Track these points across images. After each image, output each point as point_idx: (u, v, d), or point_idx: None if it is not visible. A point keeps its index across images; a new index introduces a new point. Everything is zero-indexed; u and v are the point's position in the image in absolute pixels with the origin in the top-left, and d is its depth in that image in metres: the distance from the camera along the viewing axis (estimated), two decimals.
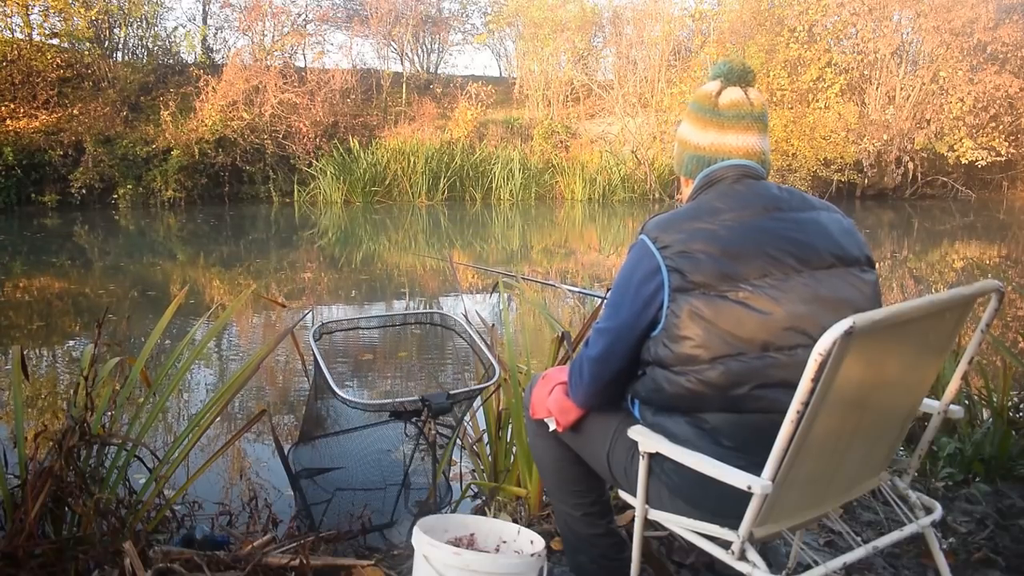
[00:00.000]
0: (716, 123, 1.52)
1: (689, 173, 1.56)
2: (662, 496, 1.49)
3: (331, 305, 6.91)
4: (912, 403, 1.49)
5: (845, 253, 1.43)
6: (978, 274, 8.55)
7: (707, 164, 1.52)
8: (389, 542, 2.33)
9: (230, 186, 15.03)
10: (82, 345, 5.21)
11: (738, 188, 1.47)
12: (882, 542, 1.47)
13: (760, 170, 1.51)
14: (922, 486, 2.52)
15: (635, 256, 1.45)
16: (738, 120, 1.50)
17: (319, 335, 2.41)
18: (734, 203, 1.43)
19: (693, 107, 1.57)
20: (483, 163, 16.29)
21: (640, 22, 19.00)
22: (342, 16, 19.36)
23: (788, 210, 1.44)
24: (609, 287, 1.61)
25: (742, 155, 1.50)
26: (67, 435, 1.86)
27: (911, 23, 17.43)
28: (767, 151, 1.53)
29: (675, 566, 2.03)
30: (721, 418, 1.38)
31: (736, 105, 1.51)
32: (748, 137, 1.50)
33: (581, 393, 1.58)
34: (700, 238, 1.38)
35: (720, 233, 1.39)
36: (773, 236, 1.39)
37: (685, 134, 1.58)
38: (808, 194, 1.53)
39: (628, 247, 1.51)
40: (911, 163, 17.48)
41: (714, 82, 1.55)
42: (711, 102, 1.53)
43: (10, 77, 14.51)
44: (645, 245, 1.43)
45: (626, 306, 1.44)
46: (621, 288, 1.46)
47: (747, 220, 1.41)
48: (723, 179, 1.49)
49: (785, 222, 1.42)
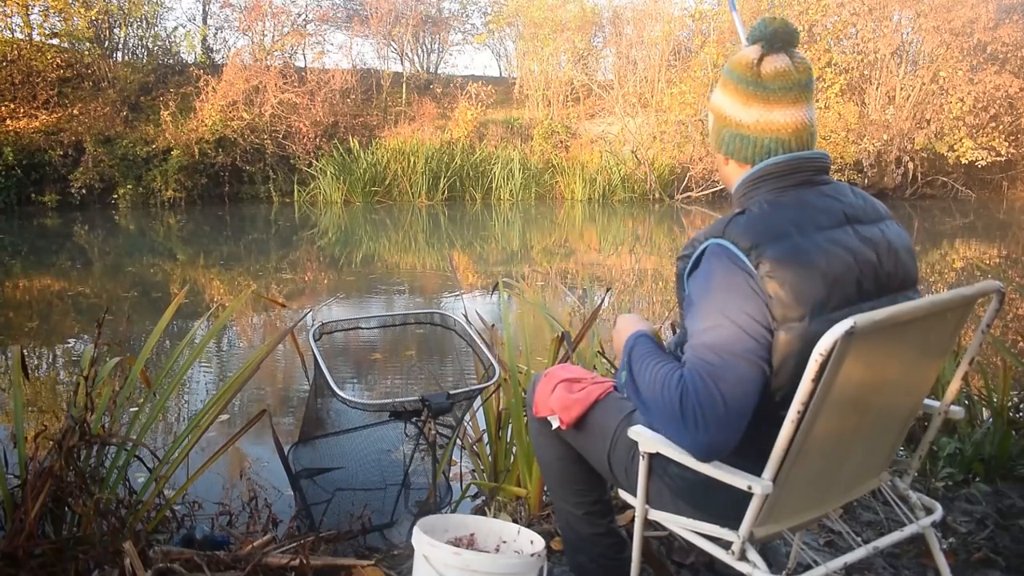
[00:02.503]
0: (760, 97, 1.35)
1: (731, 153, 1.41)
2: (663, 496, 1.48)
3: (331, 305, 6.90)
4: (913, 404, 1.49)
5: (908, 276, 1.40)
6: (978, 274, 8.55)
7: (753, 145, 1.37)
8: (389, 542, 2.33)
9: (230, 186, 15.02)
10: (82, 345, 5.21)
11: (815, 194, 1.35)
12: (883, 542, 1.47)
13: (825, 161, 1.38)
14: (922, 486, 2.52)
15: (723, 266, 1.27)
16: (785, 92, 1.34)
17: (319, 335, 2.40)
18: (815, 212, 1.32)
19: (731, 76, 1.39)
20: (483, 163, 16.28)
21: (640, 22, 19.00)
22: (342, 16, 19.37)
23: (866, 222, 1.36)
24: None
25: (791, 133, 1.35)
26: (67, 435, 1.86)
27: (911, 23, 17.43)
28: (815, 122, 1.38)
29: (675, 566, 2.03)
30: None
31: (782, 75, 1.34)
32: (796, 111, 1.35)
33: (724, 428, 1.25)
34: (795, 260, 1.24)
35: (811, 250, 1.26)
36: (861, 258, 1.31)
37: (723, 107, 1.41)
38: (869, 196, 1.43)
39: (690, 249, 1.35)
40: (911, 163, 17.47)
41: (753, 47, 1.36)
42: (752, 72, 1.36)
43: (10, 77, 14.51)
44: (734, 255, 1.26)
45: (734, 310, 1.25)
46: (719, 296, 1.26)
47: (831, 235, 1.30)
48: (794, 173, 1.35)
49: (866, 240, 1.33)
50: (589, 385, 1.67)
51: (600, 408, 1.63)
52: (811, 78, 1.38)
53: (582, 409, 1.63)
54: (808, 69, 1.37)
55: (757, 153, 1.38)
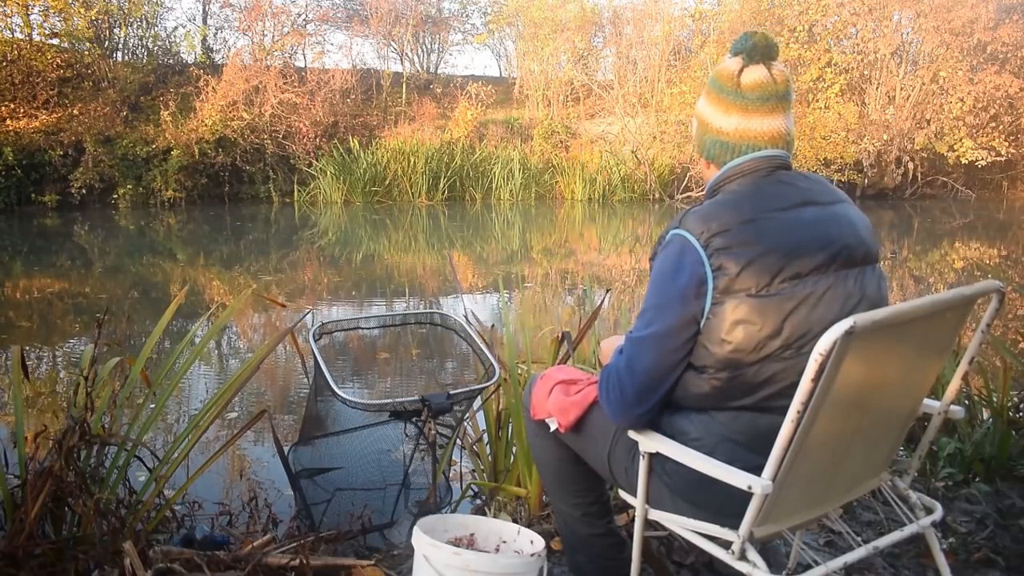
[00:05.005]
0: (739, 106, 1.44)
1: (712, 158, 1.49)
2: (663, 495, 1.48)
3: (331, 305, 6.90)
4: (913, 404, 1.49)
5: (869, 251, 1.42)
6: (978, 274, 8.55)
7: (731, 150, 1.45)
8: (389, 542, 2.33)
9: (230, 186, 15.03)
10: (82, 345, 5.21)
11: (770, 181, 1.42)
12: (883, 542, 1.47)
13: (785, 159, 1.45)
14: (922, 486, 2.52)
15: (675, 253, 1.37)
16: (763, 102, 1.42)
17: (319, 335, 2.40)
18: (769, 198, 1.39)
19: (714, 86, 1.48)
20: (483, 163, 16.28)
21: (640, 22, 19.00)
22: (342, 16, 19.38)
23: (820, 204, 1.41)
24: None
25: (768, 140, 1.43)
26: (67, 435, 1.86)
27: (911, 23, 17.43)
28: (792, 130, 1.46)
29: (675, 566, 2.03)
30: (741, 417, 1.37)
31: (760, 86, 1.42)
32: (773, 120, 1.43)
33: (628, 414, 1.44)
34: (745, 236, 1.33)
35: (762, 229, 1.34)
36: (812, 234, 1.36)
37: (706, 115, 1.49)
38: (828, 182, 1.49)
39: (660, 242, 1.43)
40: (911, 163, 17.48)
41: (735, 59, 1.45)
42: (733, 82, 1.44)
43: (10, 77, 14.51)
44: (685, 240, 1.36)
45: (672, 307, 1.36)
46: (663, 288, 1.37)
47: (786, 215, 1.37)
48: (754, 171, 1.43)
49: (820, 218, 1.39)
50: (586, 386, 1.66)
51: (598, 409, 1.62)
52: (789, 89, 1.45)
53: (580, 411, 1.63)
54: (787, 81, 1.45)
55: (734, 158, 1.47)
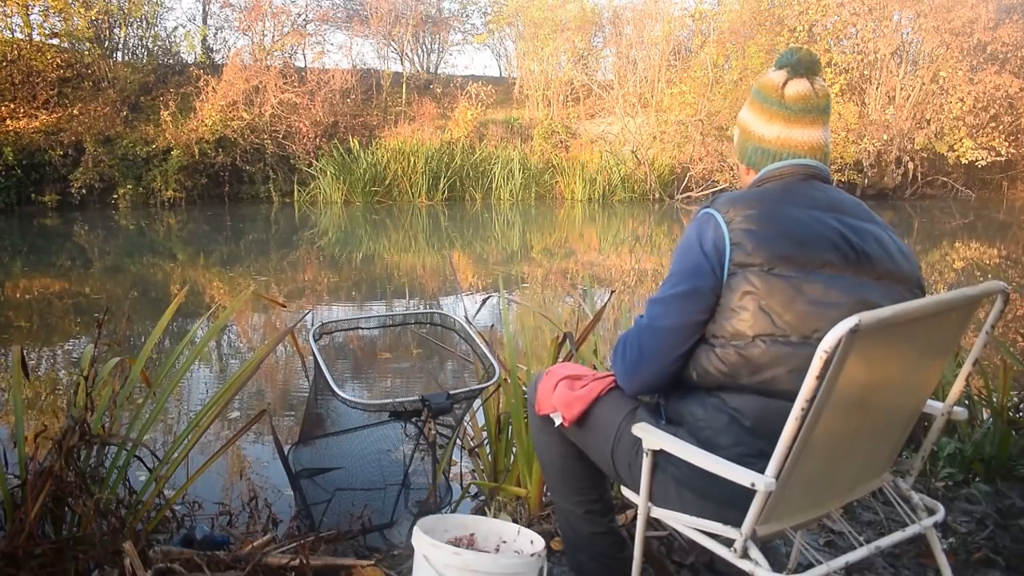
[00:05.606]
0: (782, 116, 1.51)
1: (753, 164, 1.56)
2: (668, 488, 1.48)
3: (331, 305, 6.90)
4: (916, 404, 1.49)
5: (897, 270, 1.43)
6: (978, 274, 8.55)
7: (772, 156, 1.52)
8: (389, 542, 2.33)
9: (230, 186, 15.03)
10: (82, 345, 5.20)
11: (803, 185, 1.48)
12: (884, 542, 1.47)
13: (826, 172, 1.52)
14: (922, 486, 2.52)
15: (699, 226, 1.44)
16: (805, 114, 1.50)
17: (319, 335, 2.40)
18: (798, 196, 1.45)
19: (757, 96, 1.55)
20: (483, 163, 16.29)
21: (640, 22, 19.01)
22: (342, 16, 19.40)
23: (851, 216, 1.45)
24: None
25: (807, 150, 1.50)
26: (67, 435, 1.85)
27: (911, 23, 17.43)
28: (829, 142, 1.54)
29: (675, 566, 2.03)
30: (748, 400, 1.39)
31: (803, 98, 1.49)
32: (814, 131, 1.50)
33: (639, 373, 1.51)
34: (766, 219, 1.39)
35: (786, 216, 1.40)
36: (834, 233, 1.40)
37: (748, 123, 1.56)
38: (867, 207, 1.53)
39: (690, 220, 1.51)
40: (911, 163, 17.48)
41: (780, 72, 1.52)
42: (777, 94, 1.51)
43: (10, 77, 14.52)
44: (712, 217, 1.43)
45: (698, 271, 1.42)
46: (688, 254, 1.44)
47: (809, 213, 1.42)
48: (791, 175, 1.49)
49: (846, 225, 1.42)
50: (591, 382, 1.67)
51: (602, 405, 1.63)
52: (828, 103, 1.52)
53: (584, 406, 1.63)
54: (827, 95, 1.51)
55: (773, 163, 1.53)
